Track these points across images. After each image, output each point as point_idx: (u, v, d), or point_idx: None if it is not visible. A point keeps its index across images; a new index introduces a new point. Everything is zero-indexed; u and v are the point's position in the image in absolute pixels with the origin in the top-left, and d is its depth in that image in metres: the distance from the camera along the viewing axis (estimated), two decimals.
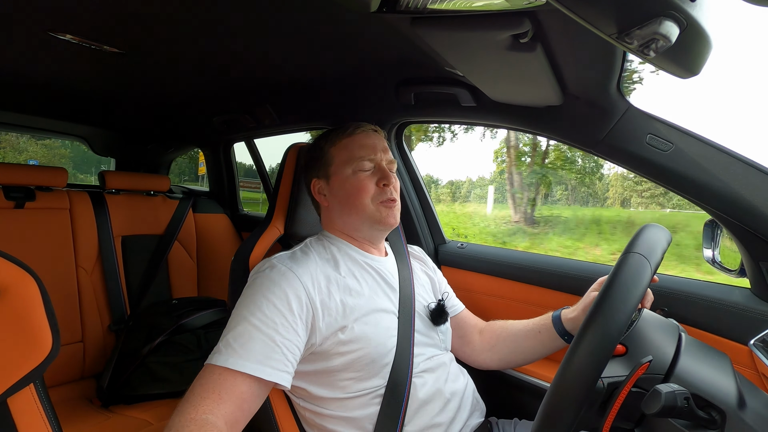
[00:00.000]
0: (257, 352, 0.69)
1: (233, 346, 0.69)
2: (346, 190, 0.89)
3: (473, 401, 0.91)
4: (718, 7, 0.52)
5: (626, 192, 12.52)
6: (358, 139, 0.91)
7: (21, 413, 0.56)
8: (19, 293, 0.57)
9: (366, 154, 0.89)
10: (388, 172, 0.90)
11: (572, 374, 0.49)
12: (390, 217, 0.89)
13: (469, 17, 0.65)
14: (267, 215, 1.04)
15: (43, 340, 0.59)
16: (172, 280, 1.85)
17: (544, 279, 1.22)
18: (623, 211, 11.86)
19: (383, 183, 0.88)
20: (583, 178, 10.70)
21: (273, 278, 0.77)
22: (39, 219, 1.51)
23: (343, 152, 0.90)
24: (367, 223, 0.89)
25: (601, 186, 12.57)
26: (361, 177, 0.88)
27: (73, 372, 1.52)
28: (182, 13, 0.89)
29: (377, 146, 0.91)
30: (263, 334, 0.70)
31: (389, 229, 0.92)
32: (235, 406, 0.66)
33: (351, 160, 0.89)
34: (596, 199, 12.67)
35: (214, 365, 0.67)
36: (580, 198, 12.50)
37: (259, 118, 1.65)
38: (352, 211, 0.89)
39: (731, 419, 0.50)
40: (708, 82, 16.57)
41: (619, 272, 0.54)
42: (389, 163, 0.92)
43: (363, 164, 0.88)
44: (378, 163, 0.90)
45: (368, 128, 0.94)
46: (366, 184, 0.88)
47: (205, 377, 0.67)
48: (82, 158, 14.34)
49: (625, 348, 0.59)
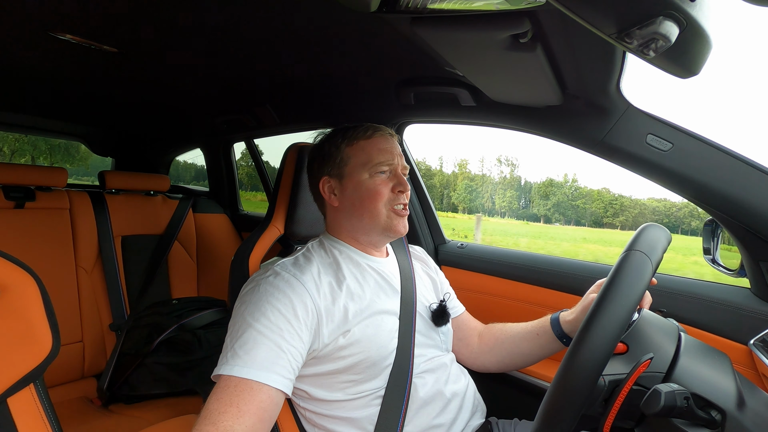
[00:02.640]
0: (263, 359, 0.68)
1: (239, 353, 0.68)
2: (360, 193, 0.88)
3: (474, 402, 0.91)
4: (718, 7, 0.52)
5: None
6: (377, 143, 0.89)
7: (21, 413, 0.56)
8: (18, 293, 0.57)
9: (384, 159, 0.88)
10: (403, 179, 0.89)
11: (573, 373, 0.49)
12: (401, 225, 0.89)
13: (469, 17, 0.65)
14: (267, 215, 1.04)
15: (42, 339, 0.59)
16: (172, 280, 1.84)
17: (544, 279, 1.22)
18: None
19: (399, 189, 0.88)
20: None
21: (277, 285, 0.76)
22: (39, 219, 1.51)
23: (361, 154, 0.89)
24: (378, 228, 0.89)
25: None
26: (377, 181, 0.87)
27: (73, 372, 1.52)
28: (182, 13, 0.89)
29: (394, 151, 0.90)
30: (269, 340, 0.69)
31: (398, 237, 0.91)
32: (256, 418, 0.64)
33: (369, 163, 0.88)
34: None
35: (222, 375, 0.67)
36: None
37: (259, 118, 1.65)
38: (364, 215, 0.88)
39: (731, 419, 0.50)
40: (708, 82, 16.65)
41: (621, 269, 0.54)
42: (404, 169, 0.91)
43: (381, 168, 0.88)
44: (395, 169, 0.89)
45: (386, 132, 0.92)
46: (381, 189, 0.87)
47: (219, 390, 0.66)
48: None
49: (626, 346, 0.59)
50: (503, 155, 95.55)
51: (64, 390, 1.48)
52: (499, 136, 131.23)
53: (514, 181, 55.89)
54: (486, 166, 58.36)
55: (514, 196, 54.22)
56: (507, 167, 57.00)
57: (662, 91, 43.37)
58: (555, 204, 49.81)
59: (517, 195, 54.50)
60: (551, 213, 49.41)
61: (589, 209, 48.06)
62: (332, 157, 0.92)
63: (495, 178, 55.95)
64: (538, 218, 49.39)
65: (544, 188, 50.68)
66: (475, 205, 48.99)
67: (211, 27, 0.96)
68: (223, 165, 2.16)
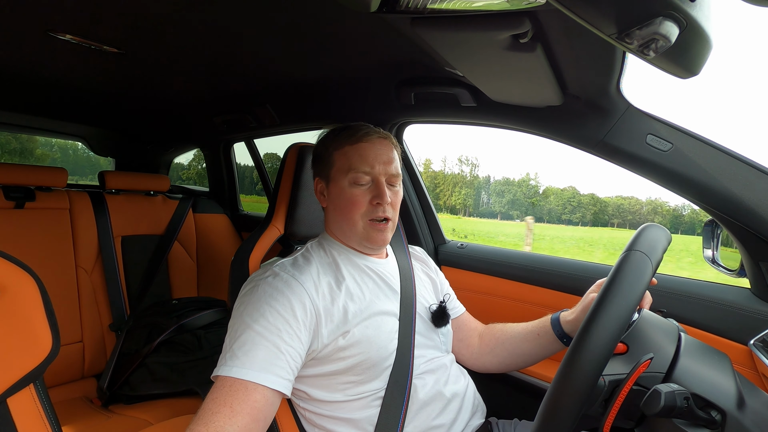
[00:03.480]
0: (262, 359, 0.67)
1: (237, 354, 0.67)
2: (341, 200, 0.87)
3: (474, 402, 0.91)
4: (718, 7, 0.52)
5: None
6: (360, 149, 0.86)
7: (21, 413, 0.56)
8: (18, 293, 0.57)
9: (364, 168, 0.84)
10: (383, 190, 0.84)
11: (573, 373, 0.49)
12: (378, 237, 0.86)
13: (469, 17, 0.65)
14: (267, 215, 1.04)
15: (42, 339, 0.59)
16: (172, 280, 1.84)
17: (544, 279, 1.22)
18: None
19: (376, 202, 0.85)
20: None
21: (276, 286, 0.76)
22: (39, 219, 1.51)
23: (343, 159, 0.86)
24: (356, 238, 0.88)
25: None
26: (355, 192, 0.85)
27: (73, 372, 1.52)
28: (182, 13, 0.89)
29: (379, 158, 0.86)
30: (267, 341, 0.69)
31: (378, 247, 0.90)
32: (250, 417, 0.64)
33: (348, 170, 0.85)
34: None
35: (220, 376, 0.66)
36: None
37: (259, 118, 1.65)
38: (343, 223, 0.88)
39: (731, 419, 0.50)
40: (708, 82, 16.67)
41: (621, 268, 0.54)
42: (390, 177, 0.87)
43: (359, 177, 0.84)
44: (376, 178, 0.85)
45: (374, 135, 0.88)
46: (359, 199, 0.85)
47: (215, 391, 0.65)
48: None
49: (626, 347, 0.59)
50: (464, 155, 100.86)
51: (64, 390, 1.47)
52: (466, 135, 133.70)
53: (474, 180, 58.18)
54: (448, 166, 62.18)
55: (469, 194, 56.06)
56: (467, 167, 59.61)
57: (662, 91, 43.25)
58: (509, 201, 51.26)
59: (474, 193, 56.62)
60: (506, 210, 51.06)
61: (546, 206, 49.87)
62: (322, 159, 0.91)
63: (457, 176, 58.17)
64: (495, 215, 51.09)
65: (500, 186, 52.41)
66: (438, 204, 50.33)
67: (211, 27, 0.96)
68: (223, 165, 2.16)
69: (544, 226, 44.05)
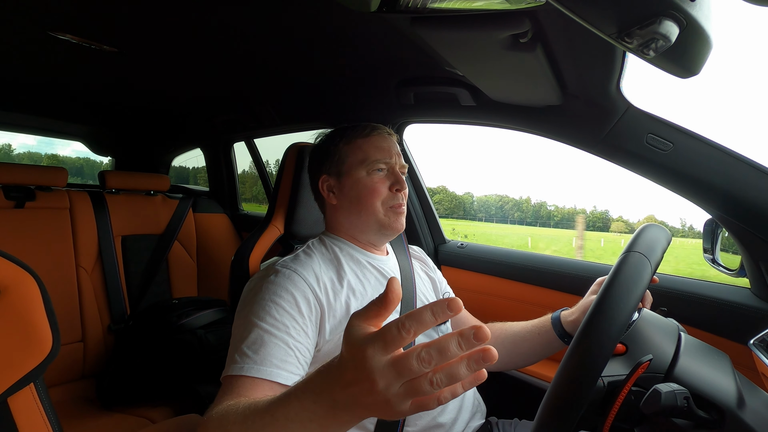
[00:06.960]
0: (273, 356, 0.67)
1: (247, 353, 0.66)
2: (357, 190, 0.88)
3: (474, 402, 0.91)
4: (718, 7, 0.52)
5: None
6: (374, 141, 0.90)
7: (21, 413, 0.56)
8: (19, 293, 0.57)
9: (382, 156, 0.89)
10: (401, 177, 0.90)
11: (572, 373, 0.49)
12: (398, 222, 0.89)
13: (469, 17, 0.65)
14: (267, 215, 1.04)
15: (43, 339, 0.59)
16: (172, 280, 1.84)
17: (544, 279, 1.22)
18: None
19: (396, 188, 0.88)
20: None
21: (279, 283, 0.75)
22: (39, 219, 1.51)
23: (359, 152, 0.89)
24: (375, 226, 0.89)
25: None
26: (375, 179, 0.88)
27: (73, 372, 1.52)
28: (182, 13, 0.89)
29: (392, 150, 0.91)
30: (276, 338, 0.68)
31: (395, 234, 0.92)
32: None
33: (366, 161, 0.88)
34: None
35: (229, 376, 0.65)
36: None
37: (259, 117, 1.65)
38: (361, 212, 0.89)
39: (731, 419, 0.50)
40: (708, 82, 16.69)
41: (619, 270, 0.54)
42: (402, 168, 0.92)
43: (378, 166, 0.88)
44: (392, 167, 0.90)
45: (384, 131, 0.93)
46: (379, 186, 0.88)
47: (222, 390, 0.65)
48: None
49: (625, 347, 0.59)
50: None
51: (64, 390, 1.47)
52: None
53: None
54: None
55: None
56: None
57: (662, 91, 42.90)
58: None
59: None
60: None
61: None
62: (331, 156, 0.92)
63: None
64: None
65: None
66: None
67: (211, 27, 0.96)
68: (223, 165, 2.16)
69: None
